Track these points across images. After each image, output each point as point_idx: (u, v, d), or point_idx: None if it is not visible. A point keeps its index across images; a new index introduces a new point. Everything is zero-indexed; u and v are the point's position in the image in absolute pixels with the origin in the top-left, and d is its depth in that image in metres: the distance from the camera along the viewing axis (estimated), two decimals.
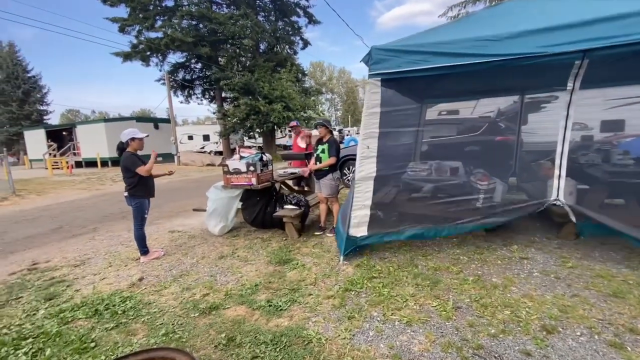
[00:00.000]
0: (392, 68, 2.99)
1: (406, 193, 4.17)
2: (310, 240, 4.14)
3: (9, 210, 7.71)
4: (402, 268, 3.18)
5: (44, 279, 3.36)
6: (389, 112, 3.23)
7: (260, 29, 21.34)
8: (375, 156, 3.25)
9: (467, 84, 4.67)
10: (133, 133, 3.51)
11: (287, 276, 3.14)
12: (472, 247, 3.67)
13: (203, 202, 7.19)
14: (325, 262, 3.44)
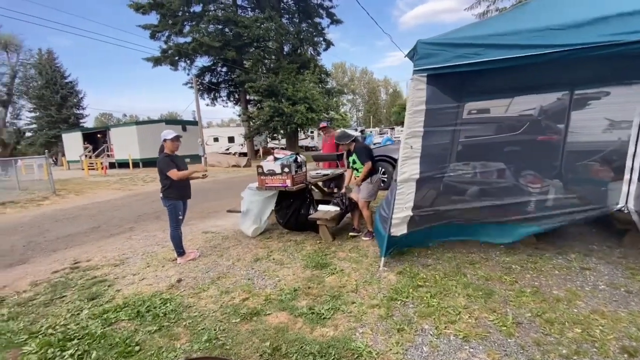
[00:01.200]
0: (440, 63, 2.80)
1: (449, 195, 3.94)
2: (345, 243, 4.01)
3: (50, 209, 8.10)
4: (449, 277, 2.97)
5: (86, 278, 3.42)
6: (434, 110, 3.05)
7: (285, 31, 21.50)
8: (418, 157, 3.07)
9: (512, 80, 4.39)
10: (166, 134, 3.51)
11: (325, 281, 3.01)
12: (523, 255, 3.40)
13: (232, 203, 7.29)
14: (364, 267, 3.29)
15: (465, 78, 3.78)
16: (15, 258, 4.35)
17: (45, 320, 2.60)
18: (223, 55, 21.07)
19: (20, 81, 35.15)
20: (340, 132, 4.17)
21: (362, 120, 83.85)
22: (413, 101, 2.92)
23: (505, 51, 2.49)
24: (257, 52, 21.80)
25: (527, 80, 4.39)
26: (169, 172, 3.39)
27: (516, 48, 2.46)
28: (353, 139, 4.01)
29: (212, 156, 21.16)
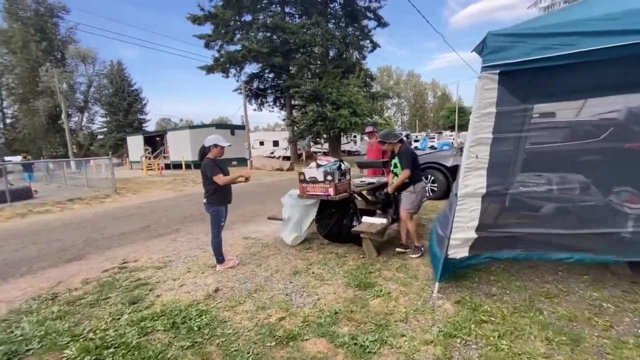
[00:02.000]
0: (516, 57, 2.36)
1: (517, 212, 3.39)
2: (391, 260, 3.64)
3: (111, 206, 8.75)
4: (520, 312, 2.49)
5: (131, 279, 3.48)
6: (505, 113, 2.59)
7: (331, 36, 21.50)
8: (485, 168, 2.63)
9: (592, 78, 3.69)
10: (217, 140, 3.46)
11: (370, 305, 2.69)
12: (615, 290, 2.77)
13: (274, 208, 7.25)
14: (414, 291, 2.91)
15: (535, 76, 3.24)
16: (74, 254, 4.63)
17: (89, 322, 2.62)
18: (270, 61, 21.63)
19: (95, 90, 39.52)
20: (386, 130, 3.89)
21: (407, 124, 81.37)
22: (481, 103, 2.50)
23: (612, 39, 1.99)
24: (302, 58, 22.06)
25: (614, 78, 3.67)
26: (215, 177, 3.33)
27: (623, 34, 1.96)
28: (400, 140, 3.68)
29: (257, 159, 21.76)
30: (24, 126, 37.66)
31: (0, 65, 41.23)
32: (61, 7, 37.03)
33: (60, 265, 4.18)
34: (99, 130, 40.55)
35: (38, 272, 3.95)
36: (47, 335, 2.43)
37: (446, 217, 3.05)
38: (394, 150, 3.69)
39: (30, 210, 8.24)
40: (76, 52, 37.63)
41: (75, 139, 35.55)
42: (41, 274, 3.90)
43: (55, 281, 3.59)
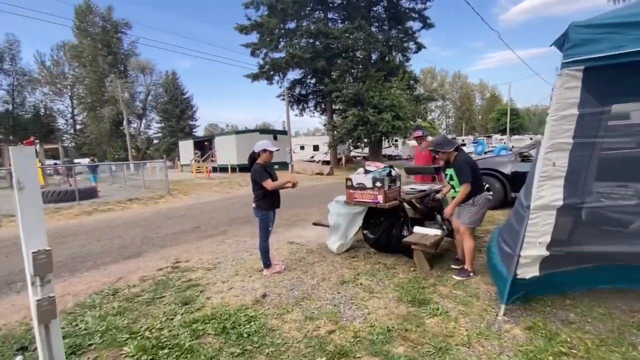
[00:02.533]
0: (605, 51, 2.05)
1: (597, 227, 2.96)
2: (446, 275, 3.37)
3: (165, 207, 9.33)
4: (607, 345, 2.13)
5: (183, 279, 3.59)
6: (588, 115, 2.27)
7: (373, 39, 21.27)
8: (562, 177, 2.33)
9: None
10: (266, 145, 3.50)
11: (426, 324, 2.49)
12: None
13: (316, 212, 7.24)
14: (475, 312, 2.64)
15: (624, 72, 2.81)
16: (133, 251, 4.95)
17: (145, 320, 2.72)
18: (313, 66, 21.92)
19: (152, 98, 43.01)
20: (440, 138, 3.48)
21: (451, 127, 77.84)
22: (559, 104, 2.21)
23: None
24: (344, 62, 22.05)
25: None
26: (263, 182, 3.36)
27: None
28: (456, 147, 3.31)
29: (298, 164, 22.09)
30: (91, 131, 41.98)
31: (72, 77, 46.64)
32: (124, 23, 41.00)
33: (120, 262, 4.48)
34: (155, 135, 44.03)
35: (101, 267, 4.26)
36: (107, 331, 2.56)
37: (513, 230, 2.75)
38: (450, 159, 3.33)
39: (95, 208, 9.06)
40: (137, 64, 41.30)
41: (134, 143, 38.84)
42: (104, 269, 4.20)
43: (116, 277, 3.83)
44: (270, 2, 21.27)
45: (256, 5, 21.98)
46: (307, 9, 22.78)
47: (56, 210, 8.76)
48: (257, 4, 21.93)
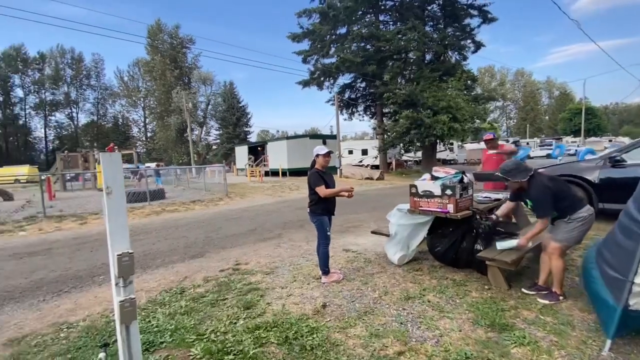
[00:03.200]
0: None
1: None
2: (528, 298, 2.94)
3: (224, 208, 9.82)
4: None
5: (243, 282, 3.65)
6: None
7: (428, 39, 20.44)
8: None
9: None
10: (319, 150, 3.46)
11: (512, 355, 2.16)
12: None
13: (368, 218, 7.02)
14: (572, 345, 2.23)
15: None
16: (197, 251, 5.21)
17: (210, 322, 2.77)
18: (364, 70, 21.71)
19: (211, 107, 46.37)
20: (511, 163, 2.93)
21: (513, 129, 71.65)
22: None
23: None
24: (397, 65, 21.49)
25: None
26: (317, 188, 3.30)
27: None
28: (531, 175, 2.79)
29: (347, 168, 21.92)
30: (160, 138, 46.47)
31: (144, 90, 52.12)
32: (189, 39, 44.92)
33: (186, 261, 4.73)
34: (213, 141, 47.36)
35: (169, 266, 4.53)
36: (177, 330, 2.64)
37: (620, 250, 2.28)
38: (524, 187, 2.87)
39: (163, 209, 9.85)
40: (199, 76, 44.89)
41: (196, 149, 42.10)
42: (171, 267, 4.46)
43: (182, 276, 4.03)
44: (322, 9, 21.61)
45: (308, 14, 22.50)
46: (359, 13, 22.69)
47: (131, 209, 9.70)
48: (310, 13, 22.43)
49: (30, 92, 53.39)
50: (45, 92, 53.97)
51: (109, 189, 1.62)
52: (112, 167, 1.66)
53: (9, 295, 3.73)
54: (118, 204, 1.65)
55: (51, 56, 53.71)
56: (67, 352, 2.45)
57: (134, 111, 58.10)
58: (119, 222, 1.67)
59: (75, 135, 55.40)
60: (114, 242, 1.64)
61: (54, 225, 7.93)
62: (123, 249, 1.65)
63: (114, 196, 1.63)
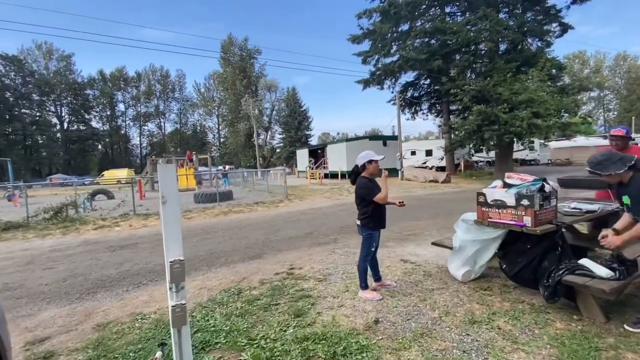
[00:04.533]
0: None
1: None
2: (635, 337, 2.36)
3: (283, 210, 10.16)
4: None
5: (296, 287, 3.65)
6: None
7: (502, 27, 18.47)
8: None
9: None
10: (370, 155, 3.22)
11: None
12: None
13: (430, 226, 6.52)
14: None
15: None
16: (256, 252, 5.43)
17: (262, 327, 2.81)
18: (428, 66, 20.58)
19: (275, 112, 48.85)
20: (601, 154, 2.44)
21: (613, 122, 60.95)
22: None
23: None
24: (465, 58, 19.88)
25: None
26: (375, 197, 3.08)
27: None
28: (631, 165, 2.27)
29: (409, 170, 20.97)
30: (230, 143, 50.43)
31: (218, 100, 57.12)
32: (256, 50, 47.95)
33: (245, 261, 4.95)
34: (277, 144, 49.81)
35: (231, 265, 4.78)
36: (231, 332, 2.73)
37: None
38: (623, 181, 2.36)
39: (230, 209, 10.57)
40: (264, 84, 47.62)
41: (261, 152, 44.69)
42: (232, 267, 4.70)
43: (241, 276, 4.21)
44: (383, 8, 21.07)
45: (369, 14, 22.14)
46: (422, 7, 21.59)
47: (203, 209, 10.63)
48: (370, 13, 22.06)
49: (129, 106, 62.86)
50: (140, 105, 62.99)
51: (164, 198, 1.72)
52: (167, 177, 1.76)
53: (101, 284, 4.33)
54: (172, 213, 1.74)
55: (145, 74, 62.46)
56: (138, 342, 2.71)
57: (209, 119, 64.45)
58: (173, 231, 1.76)
59: (163, 141, 63.35)
60: (169, 249, 1.74)
61: (142, 222, 9.07)
62: (176, 255, 1.74)
63: (169, 205, 1.73)
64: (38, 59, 52.95)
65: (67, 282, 4.52)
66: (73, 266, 5.30)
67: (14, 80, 49.24)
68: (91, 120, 58.83)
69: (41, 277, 4.81)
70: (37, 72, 51.70)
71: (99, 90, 58.83)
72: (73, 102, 55.78)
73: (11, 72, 48.70)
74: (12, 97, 48.62)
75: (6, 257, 6.15)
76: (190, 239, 6.81)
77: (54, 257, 5.98)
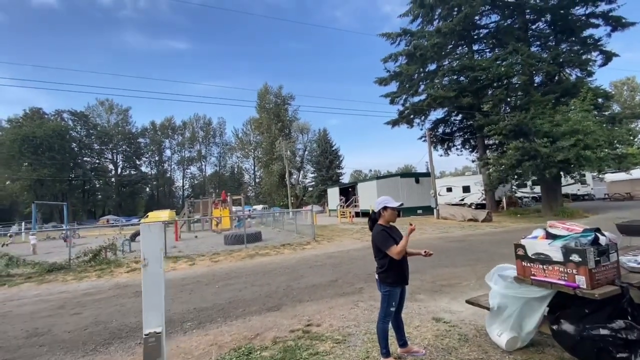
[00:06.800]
0: None
1: None
2: None
3: (309, 253, 9.82)
4: None
5: (310, 351, 3.27)
6: None
7: (535, 60, 17.97)
8: None
9: None
10: (386, 201, 2.90)
11: None
12: None
13: (472, 274, 5.83)
14: None
15: None
16: (275, 302, 5.12)
17: None
18: (458, 103, 20.28)
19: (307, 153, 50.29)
20: None
21: None
22: None
23: None
24: (499, 92, 19.37)
25: None
26: (389, 250, 2.72)
27: None
28: None
29: (444, 208, 19.85)
30: (265, 183, 51.97)
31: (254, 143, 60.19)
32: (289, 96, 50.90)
33: (263, 313, 4.64)
34: (309, 183, 50.52)
35: (247, 317, 4.50)
36: None
37: None
38: None
39: (257, 252, 10.44)
40: (297, 126, 49.75)
41: (294, 191, 45.36)
42: (248, 320, 4.41)
43: (255, 332, 3.90)
44: (409, 51, 21.62)
45: (394, 58, 22.80)
46: (449, 47, 21.85)
47: (230, 252, 10.60)
48: (395, 57, 22.71)
49: (175, 151, 68.22)
50: (184, 150, 68.08)
51: (145, 260, 1.60)
52: (151, 238, 1.65)
53: (118, 334, 4.22)
54: (154, 277, 1.61)
55: (189, 123, 68.23)
56: None
57: (246, 161, 67.77)
58: (154, 297, 1.61)
59: (204, 183, 66.94)
60: (147, 319, 1.57)
61: (171, 266, 9.17)
62: (154, 326, 1.57)
63: (150, 268, 1.60)
64: (101, 114, 60.23)
65: (87, 331, 4.49)
66: (98, 312, 5.32)
67: (79, 133, 56.07)
68: (141, 165, 64.40)
69: (67, 324, 4.85)
70: (100, 125, 58.54)
71: (150, 138, 64.88)
72: (127, 150, 61.70)
73: (78, 126, 55.66)
74: (77, 147, 55.05)
75: (44, 300, 6.38)
76: (214, 284, 6.67)
77: (84, 301, 6.10)
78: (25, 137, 45.11)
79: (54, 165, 46.92)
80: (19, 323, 4.92)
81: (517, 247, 2.67)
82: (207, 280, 7.15)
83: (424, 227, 15.44)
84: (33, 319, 5.12)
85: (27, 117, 50.00)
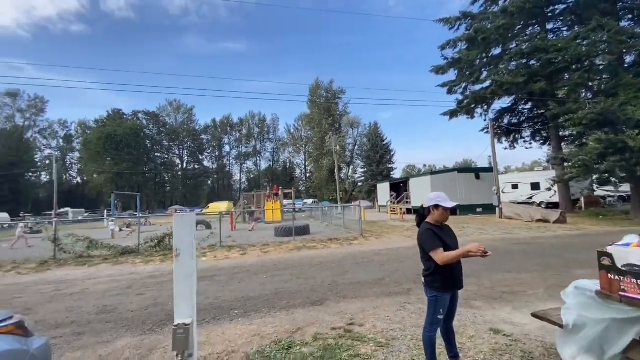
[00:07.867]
0: None
1: None
2: None
3: (356, 249, 9.63)
4: None
5: (350, 352, 3.12)
6: None
7: (625, 36, 15.31)
8: None
9: None
10: (438, 199, 2.57)
11: None
12: None
13: (540, 282, 5.16)
14: None
15: None
16: (319, 297, 5.07)
17: None
18: (528, 89, 18.19)
19: (357, 147, 49.65)
20: None
21: None
22: None
23: None
24: (578, 75, 16.91)
25: None
26: (432, 252, 2.44)
27: None
28: None
29: (509, 207, 18.06)
30: (315, 178, 52.66)
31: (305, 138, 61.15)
32: (340, 90, 50.60)
33: (306, 307, 4.62)
34: (359, 178, 49.94)
35: (290, 310, 4.51)
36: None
37: None
38: None
39: (304, 245, 10.55)
40: (347, 120, 49.35)
41: (343, 186, 45.26)
42: (292, 312, 4.42)
43: (297, 326, 3.88)
44: (469, 35, 19.92)
45: (453, 44, 21.20)
46: (517, 28, 19.65)
47: (280, 244, 10.88)
48: (454, 43, 21.10)
49: (233, 147, 72.56)
50: (241, 146, 72.06)
51: (177, 251, 1.60)
52: (184, 229, 1.65)
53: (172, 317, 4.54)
54: (185, 267, 1.60)
55: (246, 120, 71.86)
56: None
57: (298, 156, 69.39)
58: (186, 287, 1.61)
59: (258, 177, 70.29)
60: (179, 308, 1.58)
61: (225, 254, 9.70)
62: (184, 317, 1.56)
63: (182, 259, 1.60)
64: (170, 113, 66.41)
65: (147, 311, 4.90)
66: (158, 294, 5.80)
67: (152, 130, 62.61)
68: (204, 160, 69.79)
69: (131, 303, 5.35)
70: (168, 124, 64.68)
71: (211, 135, 69.90)
72: (191, 146, 67.29)
73: (150, 124, 62.17)
74: (150, 143, 61.57)
75: (115, 280, 7.17)
76: (262, 274, 6.87)
77: (148, 283, 6.71)
78: (109, 135, 51.62)
79: (131, 160, 53.04)
80: (92, 300, 5.57)
81: (601, 256, 2.20)
82: (256, 270, 7.39)
83: (485, 227, 14.22)
84: (105, 296, 5.76)
85: (110, 117, 57.23)
